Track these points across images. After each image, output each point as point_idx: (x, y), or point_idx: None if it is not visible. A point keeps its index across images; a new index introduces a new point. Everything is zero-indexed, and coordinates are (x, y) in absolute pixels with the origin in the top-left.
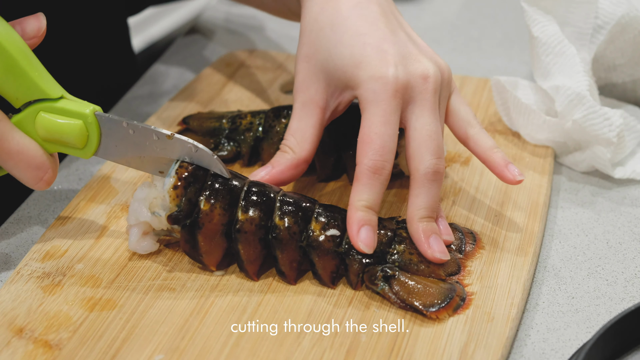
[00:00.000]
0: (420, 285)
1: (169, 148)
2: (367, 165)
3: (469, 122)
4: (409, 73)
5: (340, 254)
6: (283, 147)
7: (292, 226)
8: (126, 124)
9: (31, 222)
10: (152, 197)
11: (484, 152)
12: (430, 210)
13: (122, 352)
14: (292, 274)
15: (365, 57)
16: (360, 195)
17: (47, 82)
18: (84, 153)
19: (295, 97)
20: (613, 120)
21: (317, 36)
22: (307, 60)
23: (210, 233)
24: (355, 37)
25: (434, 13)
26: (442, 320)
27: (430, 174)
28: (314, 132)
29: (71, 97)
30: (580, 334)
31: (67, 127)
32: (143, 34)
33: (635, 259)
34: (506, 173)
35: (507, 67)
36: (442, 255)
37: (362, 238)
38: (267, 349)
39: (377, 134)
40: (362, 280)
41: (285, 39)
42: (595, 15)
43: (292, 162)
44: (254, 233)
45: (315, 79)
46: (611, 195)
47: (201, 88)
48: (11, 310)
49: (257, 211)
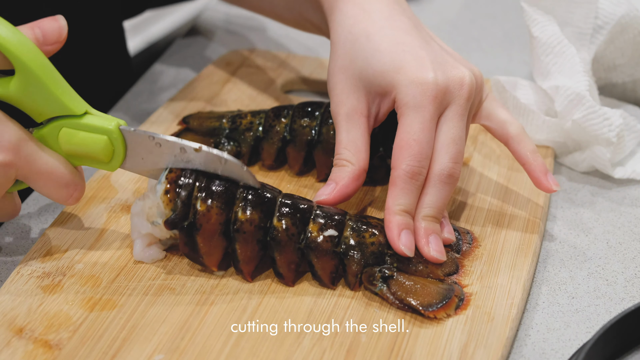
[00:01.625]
0: (419, 285)
1: (196, 160)
2: (404, 170)
3: (509, 122)
4: (448, 78)
5: (339, 254)
6: (339, 161)
7: (290, 228)
8: (152, 138)
9: (31, 222)
10: (147, 207)
11: (525, 154)
12: (436, 210)
13: (122, 352)
14: (290, 276)
15: (405, 63)
16: (397, 200)
17: (71, 98)
18: (109, 167)
19: (337, 111)
20: (613, 120)
21: (352, 47)
22: (343, 71)
23: (209, 233)
24: (393, 45)
25: (434, 13)
26: (440, 320)
27: (444, 175)
28: (365, 141)
29: (95, 112)
30: (580, 334)
31: (91, 143)
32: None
33: (635, 259)
34: (543, 181)
35: (507, 67)
36: (439, 254)
37: (403, 242)
38: (267, 349)
39: (416, 141)
40: (360, 281)
41: (285, 38)
42: (595, 15)
43: (354, 173)
44: (253, 234)
45: (354, 89)
46: (611, 195)
47: (201, 88)
48: (11, 310)
49: (258, 212)
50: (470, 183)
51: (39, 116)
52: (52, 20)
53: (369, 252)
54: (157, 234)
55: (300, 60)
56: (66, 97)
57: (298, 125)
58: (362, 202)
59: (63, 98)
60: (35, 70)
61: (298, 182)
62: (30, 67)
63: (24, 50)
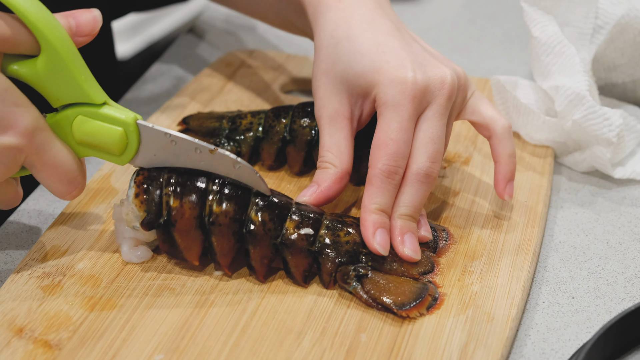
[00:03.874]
0: (392, 284)
1: (208, 162)
2: (380, 169)
3: (495, 119)
4: (428, 78)
5: (313, 253)
6: (322, 164)
7: (267, 222)
8: (168, 135)
9: (31, 222)
10: (124, 213)
11: (501, 155)
12: (412, 209)
13: (122, 352)
14: (262, 270)
15: (385, 63)
16: (373, 199)
17: (93, 86)
18: (120, 160)
19: (320, 113)
20: (613, 120)
21: (334, 50)
22: (326, 74)
23: (185, 228)
24: (373, 46)
25: (434, 13)
26: (413, 319)
27: (421, 175)
28: (348, 143)
29: (113, 104)
30: (580, 334)
31: (106, 133)
32: (143, 34)
33: (635, 259)
34: (501, 185)
35: (507, 67)
36: (414, 254)
37: (378, 240)
38: (267, 349)
39: (393, 140)
40: (334, 280)
41: (285, 39)
42: (595, 15)
43: (336, 176)
44: (228, 226)
45: (336, 91)
46: (611, 195)
47: (201, 88)
48: (11, 310)
49: (233, 204)
50: (470, 183)
51: (56, 101)
52: (86, 12)
53: (343, 251)
54: (141, 237)
55: (300, 61)
56: (88, 84)
57: (298, 126)
58: (355, 201)
59: (85, 85)
60: (61, 52)
61: (298, 182)
62: (57, 48)
63: (53, 30)
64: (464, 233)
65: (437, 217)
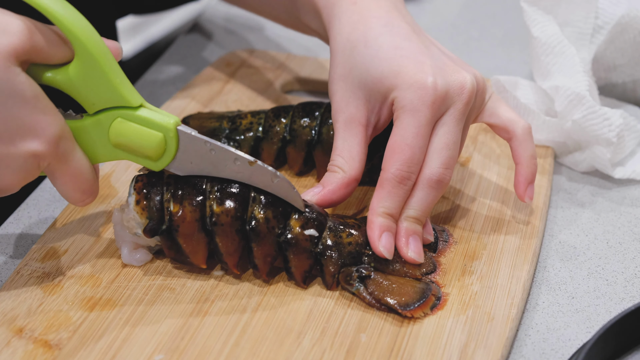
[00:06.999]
0: (395, 285)
1: (246, 173)
2: (393, 174)
3: (515, 120)
4: (448, 83)
5: (316, 255)
6: (332, 167)
7: (270, 220)
8: (208, 143)
9: (31, 222)
10: (125, 221)
11: (523, 156)
12: (420, 213)
13: (122, 352)
14: (265, 269)
15: (404, 67)
16: (382, 202)
17: (129, 89)
18: (155, 165)
19: (336, 117)
20: (613, 120)
21: (351, 54)
22: (343, 79)
23: (188, 232)
24: (391, 51)
25: (434, 13)
26: (417, 319)
27: (433, 181)
28: (360, 149)
29: (151, 107)
30: (580, 334)
31: (145, 137)
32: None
33: (635, 259)
34: (522, 187)
35: (507, 67)
36: (417, 256)
37: (383, 244)
38: (267, 349)
39: (409, 145)
40: (337, 281)
41: (285, 39)
42: (595, 15)
43: (343, 181)
44: (231, 224)
45: (354, 97)
46: (611, 195)
47: (201, 88)
48: (11, 310)
49: (233, 202)
50: (470, 183)
51: (91, 106)
52: (112, 42)
53: (346, 252)
54: (142, 242)
55: (300, 61)
56: (123, 87)
57: (298, 126)
58: (362, 202)
59: (121, 88)
60: (97, 56)
61: (298, 182)
62: (92, 52)
63: (87, 34)
64: (464, 233)
65: (437, 217)
